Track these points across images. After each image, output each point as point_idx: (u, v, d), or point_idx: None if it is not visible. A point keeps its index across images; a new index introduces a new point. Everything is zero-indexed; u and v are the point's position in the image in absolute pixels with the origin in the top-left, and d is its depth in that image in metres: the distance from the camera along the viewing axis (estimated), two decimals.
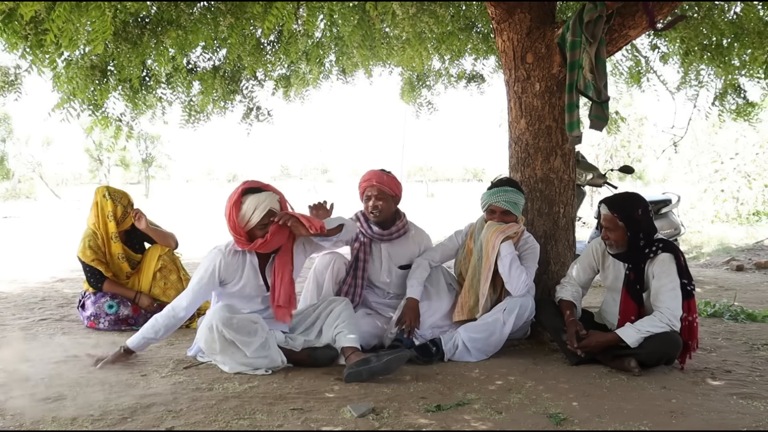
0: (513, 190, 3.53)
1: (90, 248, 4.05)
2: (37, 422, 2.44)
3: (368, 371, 2.94)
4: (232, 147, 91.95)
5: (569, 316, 3.35)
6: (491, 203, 3.53)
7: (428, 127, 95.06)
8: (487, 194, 3.58)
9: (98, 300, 4.06)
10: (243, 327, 3.03)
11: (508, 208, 3.49)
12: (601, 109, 3.56)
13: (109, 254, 4.13)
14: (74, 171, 45.94)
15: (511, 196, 3.50)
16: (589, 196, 12.97)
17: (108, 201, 4.07)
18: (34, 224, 14.09)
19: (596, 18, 3.39)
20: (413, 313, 3.47)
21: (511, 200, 3.50)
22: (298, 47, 4.48)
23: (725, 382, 3.04)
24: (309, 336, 3.29)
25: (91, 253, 4.04)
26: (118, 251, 4.12)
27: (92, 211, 4.13)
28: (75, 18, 3.29)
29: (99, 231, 4.09)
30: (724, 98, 5.32)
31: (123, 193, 4.20)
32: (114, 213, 4.07)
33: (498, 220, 3.53)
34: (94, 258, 4.04)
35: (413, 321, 3.45)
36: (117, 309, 4.05)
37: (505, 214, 3.52)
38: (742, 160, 13.50)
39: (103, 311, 4.04)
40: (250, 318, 3.09)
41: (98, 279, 4.07)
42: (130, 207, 4.15)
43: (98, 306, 4.05)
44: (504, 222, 3.52)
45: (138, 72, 4.34)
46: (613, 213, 3.26)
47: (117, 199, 4.11)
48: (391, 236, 3.69)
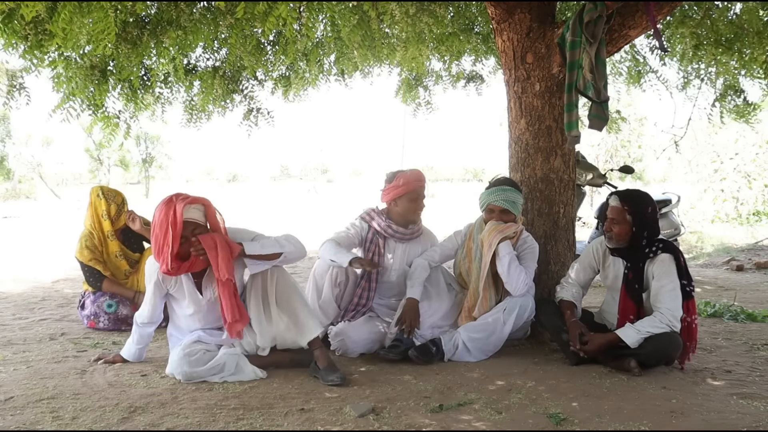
0: (511, 189, 3.53)
1: (87, 248, 4.08)
2: (37, 422, 2.44)
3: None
4: (232, 147, 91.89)
5: (570, 316, 3.35)
6: (489, 202, 3.54)
7: (428, 127, 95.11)
8: (485, 194, 3.58)
9: (97, 299, 4.08)
10: (208, 371, 2.98)
11: (507, 207, 3.49)
12: (601, 108, 3.56)
13: (107, 253, 4.16)
14: (74, 171, 45.99)
15: (510, 195, 3.50)
16: (589, 196, 12.97)
17: (102, 200, 4.13)
18: (34, 224, 14.09)
19: (596, 18, 3.39)
20: (413, 312, 3.47)
21: (510, 199, 3.50)
22: (297, 47, 4.48)
23: (725, 382, 3.04)
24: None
25: (88, 253, 4.07)
26: (115, 249, 4.16)
27: (88, 212, 4.19)
28: (77, 19, 3.29)
29: (95, 231, 4.13)
30: (724, 99, 5.32)
31: (116, 192, 4.26)
32: (108, 211, 4.12)
33: (497, 220, 3.53)
34: (91, 258, 4.08)
35: (413, 321, 3.44)
36: (116, 308, 4.07)
37: (503, 214, 3.52)
38: (742, 160, 13.50)
39: (102, 310, 4.06)
40: (211, 365, 2.99)
41: (97, 278, 4.10)
42: (124, 205, 4.20)
43: (97, 305, 4.07)
44: (503, 221, 3.52)
45: (138, 72, 4.34)
46: (623, 205, 3.25)
47: (110, 197, 4.16)
48: (412, 236, 3.72)
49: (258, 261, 3.05)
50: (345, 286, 3.63)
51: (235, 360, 3.03)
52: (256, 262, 3.05)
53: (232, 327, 2.98)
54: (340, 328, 3.48)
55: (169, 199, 2.91)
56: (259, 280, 3.13)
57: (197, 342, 3.09)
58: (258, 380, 2.99)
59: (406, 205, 3.64)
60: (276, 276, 3.11)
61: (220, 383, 2.93)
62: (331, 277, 3.58)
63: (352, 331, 3.47)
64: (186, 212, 2.87)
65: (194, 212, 2.92)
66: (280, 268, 3.14)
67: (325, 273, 3.60)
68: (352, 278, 3.64)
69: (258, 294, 3.13)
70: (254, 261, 3.05)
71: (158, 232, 2.87)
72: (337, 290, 3.61)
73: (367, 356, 3.47)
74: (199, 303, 3.13)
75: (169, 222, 2.83)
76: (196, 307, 3.14)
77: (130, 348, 3.25)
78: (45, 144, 34.51)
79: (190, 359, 2.98)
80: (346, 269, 3.59)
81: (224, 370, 3.00)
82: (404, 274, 3.71)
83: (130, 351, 3.25)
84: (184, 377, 2.96)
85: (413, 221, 3.71)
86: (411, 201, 3.63)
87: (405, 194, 3.61)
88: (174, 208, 2.84)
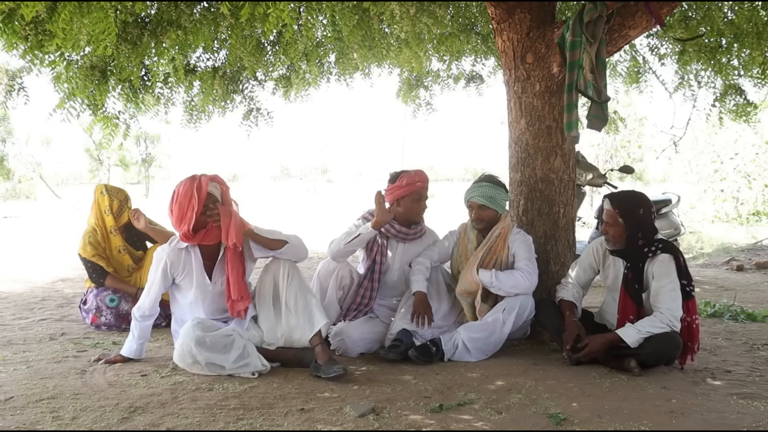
0: (489, 185, 3.55)
1: (90, 244, 4.11)
2: (37, 422, 2.44)
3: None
4: (232, 147, 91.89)
5: (570, 316, 3.35)
6: (468, 199, 3.60)
7: (428, 127, 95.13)
8: (466, 192, 3.63)
9: (100, 293, 4.11)
10: (217, 343, 3.02)
11: (483, 203, 3.52)
12: (601, 109, 3.56)
13: (109, 249, 4.19)
14: (74, 171, 45.98)
15: (486, 191, 3.53)
16: (589, 196, 12.97)
17: (105, 196, 4.18)
18: (35, 224, 14.09)
19: (596, 18, 3.39)
20: (424, 304, 3.47)
21: (486, 194, 3.52)
22: (297, 48, 4.48)
23: (725, 382, 3.04)
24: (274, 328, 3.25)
25: (91, 249, 4.10)
26: (118, 244, 4.19)
27: (92, 209, 4.23)
28: (77, 19, 3.29)
29: (98, 227, 4.17)
30: (724, 99, 5.32)
31: (120, 189, 4.32)
32: (110, 207, 4.17)
33: (476, 216, 3.57)
34: (94, 254, 4.11)
35: (427, 312, 3.45)
36: (118, 303, 4.09)
37: (481, 209, 3.55)
38: (742, 160, 13.50)
39: (105, 304, 4.08)
40: (223, 333, 3.07)
41: (100, 274, 4.13)
42: (127, 202, 4.24)
43: (100, 299, 4.09)
44: (481, 218, 3.55)
45: (138, 72, 4.34)
46: (614, 209, 3.26)
47: (113, 194, 4.21)
48: (414, 236, 3.72)
49: (262, 247, 3.22)
50: (349, 289, 3.64)
51: (243, 342, 3.07)
52: (260, 247, 3.23)
53: (235, 305, 3.15)
54: (340, 328, 3.48)
55: (192, 176, 3.18)
56: (270, 274, 3.28)
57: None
58: (258, 380, 2.99)
59: (408, 206, 3.64)
60: (288, 269, 3.24)
61: (220, 383, 2.93)
62: (335, 280, 3.59)
63: (352, 330, 3.48)
64: (209, 187, 3.14)
65: (214, 189, 3.17)
66: (293, 265, 3.26)
67: (330, 275, 3.61)
68: (356, 280, 3.65)
69: (268, 289, 3.27)
70: (259, 246, 3.22)
71: (183, 200, 3.11)
72: (340, 292, 3.62)
73: (367, 356, 3.47)
74: (206, 290, 3.22)
75: (194, 189, 3.09)
76: (203, 295, 3.21)
77: (131, 345, 3.27)
78: (45, 144, 34.52)
79: (202, 325, 3.08)
80: (350, 271, 3.62)
81: (234, 346, 3.02)
82: (405, 274, 3.71)
83: (131, 348, 3.26)
84: (196, 342, 2.98)
85: (415, 221, 3.71)
86: (413, 202, 3.64)
87: (408, 195, 3.62)
88: (199, 180, 3.13)
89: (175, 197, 3.16)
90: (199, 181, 3.13)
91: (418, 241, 3.76)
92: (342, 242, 3.54)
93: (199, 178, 3.15)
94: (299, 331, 3.17)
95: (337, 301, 3.62)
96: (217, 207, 3.14)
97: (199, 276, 3.22)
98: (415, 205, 3.65)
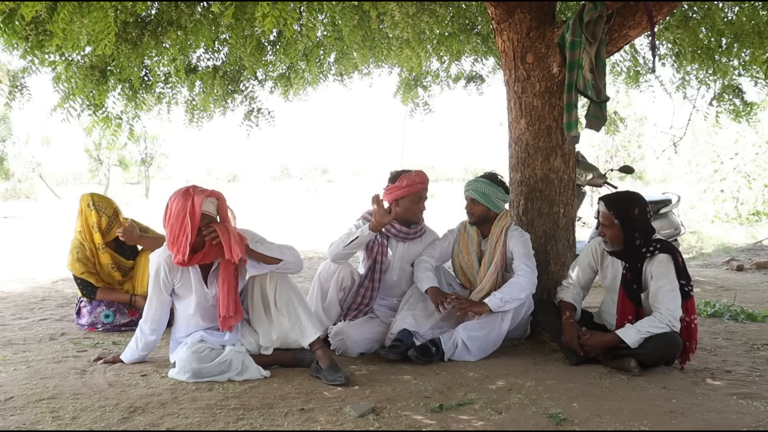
0: (486, 182, 3.59)
1: (79, 261, 3.96)
2: (37, 422, 2.44)
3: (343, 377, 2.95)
4: (232, 147, 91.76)
5: (567, 318, 3.35)
6: (464, 191, 3.66)
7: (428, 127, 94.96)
8: (465, 183, 3.70)
9: (94, 309, 4.03)
10: (214, 370, 2.98)
11: (475, 197, 3.58)
12: (600, 109, 3.56)
13: (99, 264, 4.05)
14: (74, 171, 45.91)
15: (481, 187, 3.57)
16: (589, 196, 12.96)
17: (92, 211, 3.97)
18: (34, 224, 14.09)
19: (596, 18, 3.39)
20: (441, 294, 3.45)
21: (480, 190, 3.56)
22: (297, 48, 4.48)
23: (725, 382, 3.04)
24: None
25: (80, 266, 3.96)
26: (107, 261, 4.04)
27: (78, 220, 4.05)
28: (77, 19, 3.29)
29: (86, 242, 4.01)
30: (723, 99, 5.32)
31: (108, 201, 4.09)
32: (99, 224, 3.98)
33: (467, 209, 3.64)
34: (83, 271, 3.97)
35: (445, 297, 3.42)
36: (113, 318, 4.02)
37: (473, 204, 3.61)
38: (742, 160, 13.49)
39: (100, 321, 4.02)
40: (219, 360, 3.00)
41: (90, 291, 4.02)
42: (116, 216, 4.05)
43: (94, 316, 4.02)
44: (471, 212, 3.62)
45: (138, 72, 4.34)
46: (609, 211, 3.27)
47: (101, 209, 4.00)
48: (415, 235, 3.73)
49: (257, 263, 3.09)
50: (349, 290, 3.64)
51: (241, 358, 3.05)
52: (255, 263, 3.09)
53: (225, 321, 3.05)
54: (340, 328, 3.48)
55: (186, 191, 2.95)
56: (258, 283, 3.18)
57: (201, 342, 3.10)
58: (258, 380, 2.99)
59: (407, 206, 3.65)
60: (276, 279, 3.14)
61: (220, 383, 2.93)
62: (336, 281, 3.59)
63: (352, 330, 3.48)
64: (203, 205, 2.92)
65: (209, 205, 2.97)
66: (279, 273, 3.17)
67: (331, 276, 3.61)
68: (357, 281, 3.65)
69: (258, 296, 3.19)
70: (254, 262, 3.08)
71: (174, 222, 2.91)
72: (341, 294, 3.62)
73: (367, 356, 3.47)
74: (206, 297, 3.14)
75: (187, 212, 2.88)
76: (203, 301, 3.14)
77: (133, 354, 3.22)
78: (45, 144, 34.47)
79: (198, 356, 3.00)
80: (351, 273, 3.62)
81: (231, 367, 3.00)
82: (405, 273, 3.71)
83: (132, 357, 3.22)
84: (193, 374, 2.95)
85: (415, 221, 3.72)
86: (413, 203, 3.64)
87: (407, 196, 3.62)
88: (192, 200, 2.89)
89: (167, 215, 2.96)
90: (192, 203, 2.89)
91: (419, 241, 3.77)
92: (341, 245, 3.53)
93: (192, 198, 2.90)
94: (294, 333, 3.13)
95: (338, 302, 3.62)
96: (213, 227, 2.94)
97: (197, 285, 3.13)
98: (414, 206, 3.65)
